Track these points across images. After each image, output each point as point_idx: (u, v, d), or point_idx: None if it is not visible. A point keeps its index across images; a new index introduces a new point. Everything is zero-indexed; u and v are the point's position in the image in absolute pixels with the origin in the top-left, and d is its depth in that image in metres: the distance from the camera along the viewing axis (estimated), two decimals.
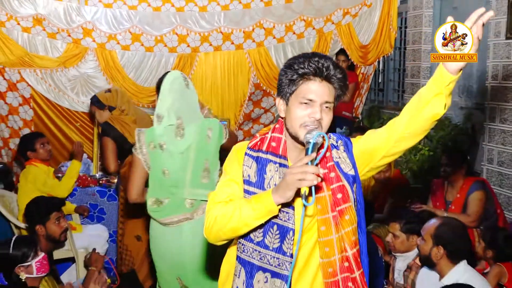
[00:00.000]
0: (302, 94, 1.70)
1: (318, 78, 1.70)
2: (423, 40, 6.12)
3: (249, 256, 1.79)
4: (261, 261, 1.77)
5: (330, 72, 1.70)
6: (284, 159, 1.78)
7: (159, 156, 2.80)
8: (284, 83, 1.74)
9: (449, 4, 5.88)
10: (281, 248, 1.74)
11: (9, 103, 5.77)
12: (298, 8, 6.22)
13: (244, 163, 1.80)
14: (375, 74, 7.08)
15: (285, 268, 1.73)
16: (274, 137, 1.82)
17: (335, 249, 1.74)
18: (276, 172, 1.76)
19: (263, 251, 1.77)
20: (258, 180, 1.77)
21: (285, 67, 1.75)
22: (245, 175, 1.79)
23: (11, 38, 5.60)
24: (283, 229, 1.74)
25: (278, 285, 1.74)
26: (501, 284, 3.12)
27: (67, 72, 5.83)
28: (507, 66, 4.59)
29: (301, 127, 1.69)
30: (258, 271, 1.78)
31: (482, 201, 3.88)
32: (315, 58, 1.71)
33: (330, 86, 1.72)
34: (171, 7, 5.92)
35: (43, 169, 4.20)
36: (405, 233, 3.17)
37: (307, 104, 1.70)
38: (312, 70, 1.69)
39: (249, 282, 1.78)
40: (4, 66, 5.63)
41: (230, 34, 6.13)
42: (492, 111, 4.81)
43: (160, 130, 2.80)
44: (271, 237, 1.75)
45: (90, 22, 5.77)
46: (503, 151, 4.69)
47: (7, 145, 5.84)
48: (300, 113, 1.70)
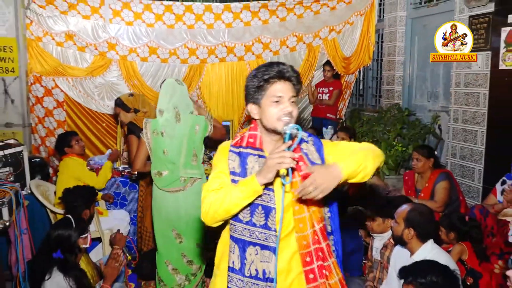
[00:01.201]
0: (272, 95, 1.77)
1: (281, 80, 1.78)
2: (397, 53, 6.12)
3: (240, 234, 1.84)
4: (251, 237, 1.82)
5: (289, 73, 1.79)
6: (261, 151, 1.85)
7: (161, 140, 3.12)
8: (253, 90, 1.81)
9: (419, 23, 5.87)
10: (266, 224, 1.80)
11: (46, 107, 5.77)
12: (291, 26, 6.23)
13: (229, 158, 1.86)
14: (356, 82, 7.08)
15: (271, 241, 1.80)
16: (251, 134, 1.88)
17: (307, 225, 1.81)
18: (255, 162, 1.83)
19: (252, 229, 1.82)
20: (242, 170, 1.83)
21: (251, 78, 1.82)
22: (230, 168, 1.85)
23: (46, 51, 5.61)
24: (267, 209, 1.80)
25: (267, 255, 1.80)
26: (462, 260, 3.13)
27: (94, 80, 5.83)
28: (468, 74, 4.59)
29: (278, 121, 1.75)
30: (249, 245, 1.82)
31: (447, 190, 3.88)
32: (274, 65, 1.80)
33: (290, 84, 1.80)
34: (183, 25, 5.91)
35: (79, 162, 4.21)
36: (381, 216, 3.18)
37: (277, 102, 1.77)
38: (275, 74, 1.77)
39: (243, 256, 1.83)
40: (41, 75, 5.63)
41: (233, 48, 6.13)
42: (455, 113, 4.81)
43: (162, 121, 3.13)
44: (258, 216, 1.81)
45: (114, 37, 5.76)
46: (464, 147, 4.70)
47: (44, 143, 5.83)
48: (274, 110, 1.77)
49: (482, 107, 4.44)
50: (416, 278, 2.16)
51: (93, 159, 5.16)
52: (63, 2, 5.51)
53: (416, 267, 2.27)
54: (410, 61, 6.08)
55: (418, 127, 5.39)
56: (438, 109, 5.49)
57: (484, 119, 4.41)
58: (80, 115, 5.89)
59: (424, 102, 5.80)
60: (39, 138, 5.80)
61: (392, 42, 6.20)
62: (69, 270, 2.75)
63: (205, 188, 1.84)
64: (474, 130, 4.54)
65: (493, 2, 4.20)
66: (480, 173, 4.50)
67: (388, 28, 6.28)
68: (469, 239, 3.18)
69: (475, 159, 4.55)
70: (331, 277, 1.83)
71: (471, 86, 4.56)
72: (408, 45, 6.07)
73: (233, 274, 1.84)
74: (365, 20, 6.32)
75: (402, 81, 6.16)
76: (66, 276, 2.71)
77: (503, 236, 3.50)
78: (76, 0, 5.56)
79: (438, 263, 2.30)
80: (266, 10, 6.08)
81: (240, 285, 1.83)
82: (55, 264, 2.77)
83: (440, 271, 2.18)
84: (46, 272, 2.78)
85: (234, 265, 1.84)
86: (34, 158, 4.65)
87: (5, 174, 3.73)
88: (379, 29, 6.56)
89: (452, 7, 4.86)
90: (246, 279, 1.83)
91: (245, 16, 6.05)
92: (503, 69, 4.14)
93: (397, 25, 6.06)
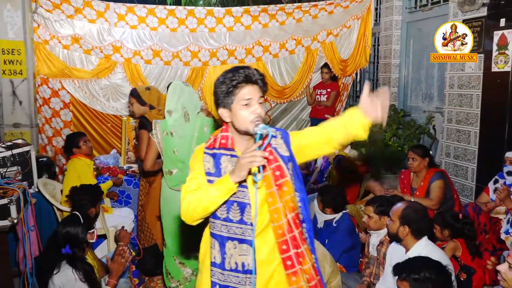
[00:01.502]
0: (241, 98, 1.81)
1: (249, 83, 1.81)
2: (392, 56, 6.12)
3: (219, 230, 1.90)
4: (229, 233, 1.88)
5: (255, 76, 1.83)
6: (233, 151, 1.90)
7: (171, 140, 3.09)
8: (222, 96, 1.84)
9: (414, 26, 5.87)
10: (242, 219, 1.86)
11: (52, 108, 5.77)
12: (290, 29, 6.22)
13: (203, 159, 1.91)
14: (353, 84, 7.07)
15: (248, 234, 1.85)
16: (223, 136, 1.93)
17: (282, 214, 1.86)
18: (228, 162, 1.88)
19: (229, 225, 1.88)
20: (216, 171, 1.88)
21: (219, 84, 1.84)
22: (206, 169, 1.90)
23: (53, 54, 5.60)
24: (242, 205, 1.86)
25: (245, 249, 1.86)
26: (456, 256, 3.13)
27: (99, 82, 5.82)
28: (462, 77, 4.59)
29: (251, 123, 1.79)
30: (227, 240, 1.88)
31: (442, 188, 3.88)
32: (240, 70, 1.83)
33: (258, 86, 1.83)
34: (185, 29, 5.91)
35: (86, 162, 4.20)
36: (377, 214, 3.18)
37: (247, 105, 1.81)
38: (243, 79, 1.80)
39: (222, 250, 1.89)
40: (48, 77, 5.63)
41: (234, 51, 6.12)
42: (449, 114, 4.82)
43: (171, 121, 3.09)
44: (233, 212, 1.87)
45: (118, 40, 5.76)
46: (458, 147, 4.70)
47: (50, 142, 5.83)
48: (244, 113, 1.81)
49: (475, 108, 4.44)
50: (410, 274, 2.16)
51: (99, 158, 5.19)
52: (69, 7, 5.51)
53: (410, 263, 2.27)
54: (406, 63, 6.08)
55: (413, 128, 5.40)
56: (432, 110, 5.49)
57: (477, 120, 4.41)
58: (86, 115, 5.89)
59: (419, 103, 5.81)
60: (46, 138, 5.80)
61: (388, 45, 6.20)
62: (78, 264, 2.77)
63: (183, 189, 1.89)
64: (468, 131, 4.54)
65: (485, 6, 4.20)
66: (473, 172, 4.50)
67: (384, 31, 6.27)
68: (462, 236, 3.18)
69: (468, 158, 4.55)
70: (305, 262, 1.90)
71: (465, 88, 4.56)
72: (403, 48, 6.07)
73: (215, 268, 1.91)
74: (361, 24, 6.32)
75: (397, 83, 6.16)
76: (75, 269, 2.72)
77: (495, 233, 3.50)
78: (82, 5, 5.56)
79: (431, 259, 2.30)
80: (266, 14, 6.08)
81: (222, 278, 1.90)
82: (64, 259, 2.78)
83: (433, 267, 2.18)
84: (54, 267, 2.78)
85: (216, 260, 1.90)
86: (41, 157, 4.65)
87: (13, 173, 3.73)
88: (375, 32, 6.55)
89: (446, 11, 4.86)
90: (226, 272, 1.89)
91: (245, 20, 6.04)
92: (495, 71, 4.14)
93: (392, 29, 6.06)
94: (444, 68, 4.98)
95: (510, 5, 3.98)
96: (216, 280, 1.91)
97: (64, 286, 2.73)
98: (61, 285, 2.73)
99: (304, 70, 6.40)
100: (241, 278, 1.87)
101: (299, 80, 6.40)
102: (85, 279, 2.72)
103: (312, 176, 5.34)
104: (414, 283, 2.14)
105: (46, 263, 2.97)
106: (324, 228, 3.79)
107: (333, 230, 3.71)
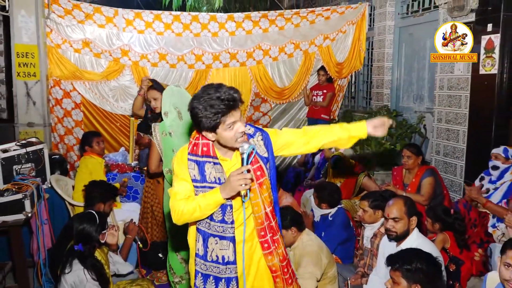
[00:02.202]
0: (227, 123, 1.83)
1: (232, 110, 1.82)
2: (385, 59, 6.11)
3: (203, 226, 2.00)
4: (211, 230, 1.99)
5: (235, 102, 1.82)
6: (215, 158, 1.96)
7: (169, 140, 3.07)
8: (207, 123, 1.82)
9: (406, 31, 5.86)
10: (223, 219, 1.97)
11: (64, 108, 5.76)
12: (288, 34, 6.21)
13: (188, 166, 1.96)
14: (348, 85, 7.06)
15: (228, 232, 1.98)
16: (204, 143, 1.96)
17: (261, 207, 2.00)
18: (212, 169, 1.95)
19: (211, 223, 1.98)
20: (201, 177, 1.95)
21: (202, 111, 1.80)
22: (191, 176, 1.95)
23: (65, 57, 5.60)
24: (223, 206, 1.95)
25: (225, 244, 1.99)
26: (445, 248, 3.13)
27: (109, 84, 5.81)
28: (451, 79, 4.58)
29: (236, 142, 1.87)
30: (209, 236, 2.00)
31: (432, 185, 3.87)
32: (222, 97, 1.78)
33: (238, 109, 1.85)
34: (190, 33, 5.90)
35: (98, 160, 4.20)
36: (372, 208, 3.18)
37: (231, 127, 1.84)
38: (226, 109, 1.79)
39: (205, 244, 2.00)
40: (60, 79, 5.63)
41: (236, 54, 6.11)
42: (439, 114, 4.81)
43: (168, 122, 3.07)
44: (216, 213, 1.96)
45: (127, 44, 5.75)
46: (447, 145, 4.69)
47: (62, 140, 5.83)
48: (230, 134, 1.85)
49: (463, 109, 4.43)
50: (402, 265, 2.15)
51: (108, 155, 5.18)
52: (80, 12, 5.50)
53: (402, 255, 2.26)
54: (398, 66, 6.07)
55: (405, 127, 5.39)
56: (423, 110, 5.48)
57: (465, 120, 4.40)
58: (96, 115, 5.88)
59: (411, 104, 5.80)
60: (58, 136, 5.79)
61: (381, 49, 6.18)
62: (88, 262, 2.74)
63: (172, 194, 1.96)
64: (456, 130, 4.54)
65: (474, 12, 4.18)
66: (461, 169, 4.49)
67: (377, 36, 6.26)
68: (452, 230, 3.18)
69: (457, 156, 4.54)
70: (279, 247, 2.09)
71: (454, 89, 4.55)
72: (396, 51, 6.06)
73: (198, 259, 2.03)
74: (356, 29, 6.31)
75: (390, 85, 6.15)
76: (86, 269, 2.69)
77: (483, 227, 3.50)
78: (92, 11, 5.55)
79: (423, 251, 2.29)
80: (266, 19, 6.07)
81: (204, 268, 2.02)
82: (75, 256, 2.76)
83: (424, 258, 2.18)
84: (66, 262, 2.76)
85: (199, 252, 2.02)
86: (53, 155, 4.65)
87: (28, 170, 3.73)
88: (370, 37, 6.54)
89: (436, 17, 4.84)
90: (208, 263, 2.01)
91: (247, 25, 6.03)
92: (483, 74, 4.13)
93: (385, 34, 6.05)
94: (434, 71, 4.97)
95: (497, 11, 3.96)
96: (199, 269, 2.03)
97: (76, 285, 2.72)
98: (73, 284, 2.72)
99: (302, 72, 6.39)
100: (221, 268, 2.00)
101: (297, 82, 6.39)
102: (96, 276, 2.70)
103: (309, 172, 5.34)
104: (406, 273, 2.13)
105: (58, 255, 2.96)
106: (321, 221, 3.79)
107: (329, 223, 3.70)
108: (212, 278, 2.01)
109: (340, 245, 3.59)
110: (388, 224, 2.74)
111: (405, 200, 2.81)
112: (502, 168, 3.59)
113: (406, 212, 2.72)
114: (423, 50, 5.46)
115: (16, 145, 3.84)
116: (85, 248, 2.76)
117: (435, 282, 2.15)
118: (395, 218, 2.71)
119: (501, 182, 3.58)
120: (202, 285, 2.02)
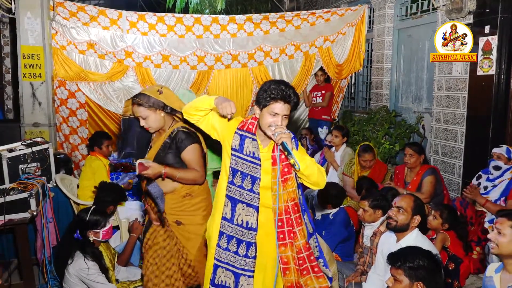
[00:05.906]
0: (271, 109, 2.11)
1: (282, 101, 2.10)
2: (385, 60, 6.09)
3: (233, 194, 2.23)
4: (240, 197, 2.22)
5: (290, 98, 2.11)
6: (254, 135, 2.24)
7: None
8: (262, 99, 2.13)
9: (405, 33, 5.84)
10: (252, 189, 2.21)
11: (69, 108, 5.75)
12: (289, 36, 6.19)
13: (233, 137, 2.24)
14: (348, 86, 7.04)
15: (254, 202, 2.21)
16: (251, 122, 2.27)
17: (282, 200, 2.19)
18: (250, 143, 2.22)
19: (241, 191, 2.22)
20: (240, 148, 2.22)
21: (263, 90, 2.13)
22: (233, 145, 2.23)
23: (70, 58, 5.58)
24: (254, 178, 2.20)
25: (251, 211, 2.21)
26: (445, 246, 3.11)
27: (113, 85, 5.80)
28: (449, 79, 4.56)
29: (268, 128, 2.12)
30: (238, 203, 2.23)
31: (433, 184, 3.86)
32: (282, 86, 2.10)
33: (288, 106, 2.12)
34: (192, 35, 5.88)
35: (102, 162, 4.22)
36: (372, 208, 3.17)
37: (273, 115, 2.11)
38: (280, 95, 2.09)
39: (233, 209, 2.23)
40: (65, 79, 5.61)
41: (237, 56, 6.09)
42: (437, 114, 4.79)
43: None
44: (246, 182, 2.21)
45: (130, 46, 5.74)
46: (446, 145, 4.67)
47: (67, 140, 5.82)
48: (268, 120, 2.12)
49: (461, 109, 4.41)
50: (405, 263, 2.13)
51: (112, 155, 5.16)
52: (85, 15, 5.49)
53: (404, 252, 2.24)
54: (397, 67, 6.05)
55: (404, 127, 5.38)
56: (422, 110, 5.46)
57: (463, 120, 4.38)
58: (100, 115, 5.87)
59: (409, 105, 5.78)
60: (63, 136, 5.78)
61: (380, 50, 6.17)
62: (87, 250, 2.79)
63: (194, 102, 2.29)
64: (455, 130, 4.52)
65: (471, 14, 4.16)
66: (460, 168, 4.47)
67: (377, 37, 6.24)
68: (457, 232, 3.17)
69: (455, 155, 4.52)
70: (296, 240, 2.22)
71: (452, 90, 4.53)
72: (395, 53, 6.04)
73: (225, 222, 2.25)
74: (356, 30, 6.29)
75: (389, 86, 6.13)
76: (85, 257, 2.78)
77: (480, 225, 3.48)
78: (97, 13, 5.53)
79: (423, 249, 2.28)
80: (267, 21, 6.04)
81: (229, 229, 2.23)
82: (76, 247, 2.80)
83: (425, 256, 2.16)
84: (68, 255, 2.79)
85: (226, 216, 2.24)
86: (58, 154, 4.64)
87: (33, 169, 3.73)
88: (369, 38, 6.52)
89: (435, 19, 4.83)
90: (234, 226, 2.23)
91: (248, 27, 6.01)
92: (480, 74, 4.11)
93: (385, 35, 6.03)
94: (432, 72, 4.95)
95: (495, 13, 3.94)
96: (224, 231, 2.24)
97: (78, 274, 2.73)
98: (75, 274, 2.73)
99: (302, 73, 6.37)
100: (244, 232, 2.22)
101: (298, 83, 6.37)
102: (93, 259, 2.79)
103: None
104: (409, 271, 2.11)
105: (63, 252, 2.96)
106: (321, 220, 3.78)
107: (330, 222, 3.69)
108: (235, 240, 2.23)
109: (340, 243, 3.58)
110: (392, 211, 2.73)
111: (416, 198, 2.80)
112: (504, 168, 3.56)
113: (413, 208, 2.70)
114: (422, 52, 5.44)
115: (22, 145, 3.83)
116: (83, 234, 2.83)
117: (436, 279, 2.13)
118: (400, 208, 2.70)
119: (500, 180, 3.55)
120: (225, 245, 2.24)
